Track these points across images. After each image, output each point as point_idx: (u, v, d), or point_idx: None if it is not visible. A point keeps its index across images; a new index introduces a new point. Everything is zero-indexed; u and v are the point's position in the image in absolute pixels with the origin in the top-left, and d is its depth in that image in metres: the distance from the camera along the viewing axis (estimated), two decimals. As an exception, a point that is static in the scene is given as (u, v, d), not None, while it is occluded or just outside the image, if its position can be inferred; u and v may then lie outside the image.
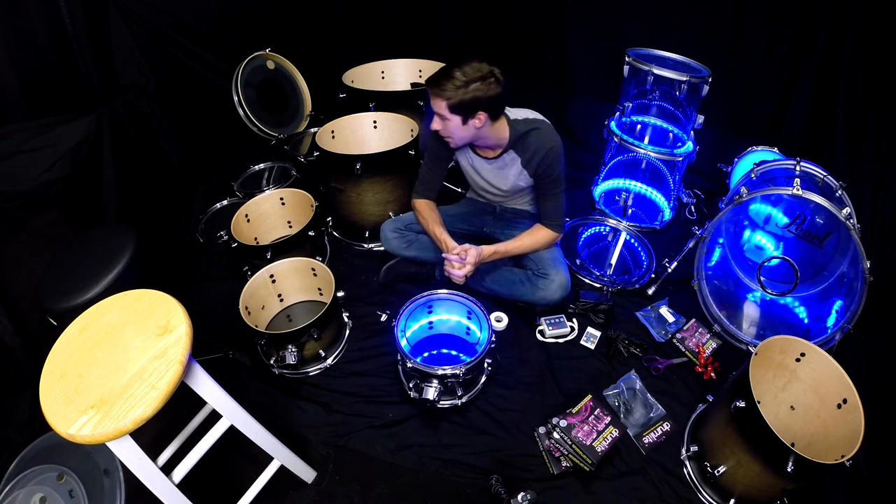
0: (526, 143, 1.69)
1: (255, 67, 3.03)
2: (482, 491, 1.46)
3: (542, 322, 1.92)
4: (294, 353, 1.69)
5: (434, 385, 1.56)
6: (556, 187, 1.75)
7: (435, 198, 1.94)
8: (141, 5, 2.41)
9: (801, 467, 1.17)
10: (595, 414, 1.52)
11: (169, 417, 1.17)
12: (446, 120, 1.57)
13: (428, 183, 1.91)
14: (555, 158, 1.68)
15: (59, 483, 1.23)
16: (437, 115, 1.58)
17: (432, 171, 1.89)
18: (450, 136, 1.63)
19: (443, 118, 1.57)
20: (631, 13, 2.63)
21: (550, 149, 1.67)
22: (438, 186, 1.93)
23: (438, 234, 1.81)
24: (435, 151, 1.84)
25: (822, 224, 1.76)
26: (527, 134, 1.68)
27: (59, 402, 0.92)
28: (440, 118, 1.58)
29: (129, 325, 1.04)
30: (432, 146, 1.84)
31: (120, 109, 2.13)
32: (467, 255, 1.69)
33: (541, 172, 1.72)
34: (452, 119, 1.56)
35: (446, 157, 1.87)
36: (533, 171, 1.73)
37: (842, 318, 1.71)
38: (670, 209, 2.51)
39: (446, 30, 3.20)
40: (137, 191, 2.19)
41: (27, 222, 1.77)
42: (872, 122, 2.09)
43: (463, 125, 1.57)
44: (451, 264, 1.71)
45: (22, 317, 1.69)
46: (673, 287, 2.12)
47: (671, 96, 2.22)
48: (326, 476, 1.51)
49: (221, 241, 2.25)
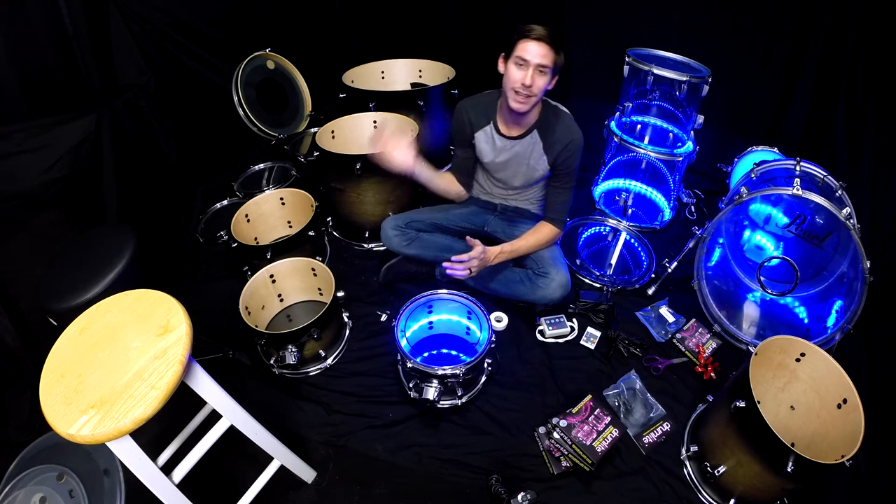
0: (552, 127, 1.73)
1: (255, 67, 3.03)
2: (482, 491, 1.46)
3: (542, 322, 1.92)
4: (294, 353, 1.69)
5: (434, 385, 1.56)
6: (570, 181, 1.79)
7: (469, 181, 2.02)
8: (141, 5, 2.41)
9: (801, 467, 1.17)
10: (595, 414, 1.52)
11: (169, 417, 1.17)
12: (545, 75, 1.57)
13: (458, 166, 1.97)
14: (575, 150, 1.73)
15: (59, 483, 1.23)
16: (539, 69, 1.55)
17: (457, 153, 1.95)
18: (537, 93, 1.60)
19: (543, 73, 1.56)
20: (631, 13, 2.63)
21: (573, 140, 1.72)
22: (469, 168, 1.98)
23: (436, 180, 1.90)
24: (456, 133, 1.89)
25: (822, 224, 1.76)
26: (555, 118, 1.73)
27: (59, 402, 0.92)
28: (541, 72, 1.56)
29: (129, 325, 1.04)
30: (454, 128, 1.88)
31: (120, 109, 2.12)
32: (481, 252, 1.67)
33: (560, 162, 1.75)
34: (549, 77, 1.58)
35: (468, 141, 1.88)
36: (553, 158, 1.75)
37: (842, 318, 1.71)
38: (670, 209, 2.51)
39: (446, 30, 3.20)
40: (137, 191, 2.19)
41: (27, 222, 1.77)
42: (872, 123, 2.09)
43: (548, 85, 1.60)
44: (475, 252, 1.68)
45: (22, 317, 1.69)
46: (673, 287, 2.12)
47: (671, 96, 2.22)
48: (326, 476, 1.51)
49: (221, 241, 2.25)
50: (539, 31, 1.54)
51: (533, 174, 1.84)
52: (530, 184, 1.91)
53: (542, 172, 1.82)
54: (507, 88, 1.62)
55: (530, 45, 1.53)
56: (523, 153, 1.80)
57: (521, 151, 1.79)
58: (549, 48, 1.53)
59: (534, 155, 1.78)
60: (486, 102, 1.81)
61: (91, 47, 2.23)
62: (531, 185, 1.92)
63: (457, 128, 1.87)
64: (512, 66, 1.58)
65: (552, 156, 1.75)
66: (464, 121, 1.84)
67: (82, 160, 1.89)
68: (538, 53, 1.53)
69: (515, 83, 1.58)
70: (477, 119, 1.82)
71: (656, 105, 2.35)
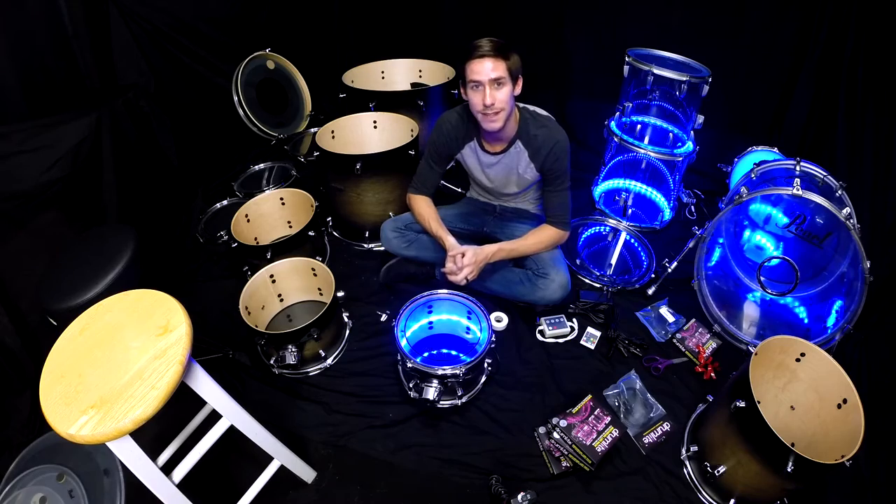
0: (534, 134, 1.70)
1: (255, 67, 3.03)
2: (482, 491, 1.46)
3: (542, 322, 1.92)
4: (294, 353, 1.69)
5: (434, 385, 1.56)
6: (562, 182, 1.76)
7: (432, 194, 1.93)
8: (141, 5, 2.41)
9: (801, 467, 1.17)
10: (595, 414, 1.52)
11: (169, 417, 1.17)
12: (505, 86, 1.55)
13: (426, 179, 1.89)
14: (562, 152, 1.70)
15: (59, 483, 1.23)
16: (495, 83, 1.53)
17: (433, 167, 1.87)
18: (504, 106, 1.57)
19: (501, 85, 1.54)
20: (631, 13, 2.63)
21: (557, 142, 1.69)
22: (437, 184, 1.92)
23: (437, 230, 1.80)
24: (439, 148, 1.83)
25: (822, 224, 1.76)
26: (535, 125, 1.71)
27: (60, 403, 0.92)
28: (498, 85, 1.54)
29: (129, 325, 1.04)
30: (437, 142, 1.82)
31: (120, 109, 2.12)
32: (464, 258, 1.67)
33: (548, 167, 1.73)
34: (510, 85, 1.56)
35: (448, 156, 1.86)
36: (540, 164, 1.74)
37: (842, 318, 1.71)
38: (670, 209, 2.51)
39: (446, 30, 3.20)
40: (137, 191, 2.19)
41: (27, 222, 1.76)
42: (872, 122, 2.09)
43: (513, 92, 1.58)
44: (451, 267, 1.69)
45: (22, 317, 1.69)
46: (673, 287, 2.12)
47: (671, 96, 2.22)
48: (326, 476, 1.51)
49: (221, 241, 2.24)
50: (482, 48, 1.51)
51: (524, 181, 1.84)
52: (524, 189, 1.91)
53: (532, 178, 1.82)
54: (475, 112, 1.62)
55: (476, 64, 1.52)
56: (511, 164, 1.79)
57: (509, 163, 1.79)
58: (495, 59, 1.51)
59: (521, 164, 1.78)
60: (467, 117, 1.76)
61: (91, 47, 2.22)
62: (525, 189, 1.92)
63: (441, 141, 1.81)
64: (470, 91, 1.58)
65: (539, 162, 1.73)
66: (449, 134, 1.79)
67: (82, 160, 1.89)
68: (487, 69, 1.51)
69: (478, 106, 1.57)
70: (464, 134, 1.80)
71: (656, 105, 2.34)
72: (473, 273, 1.69)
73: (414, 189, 1.92)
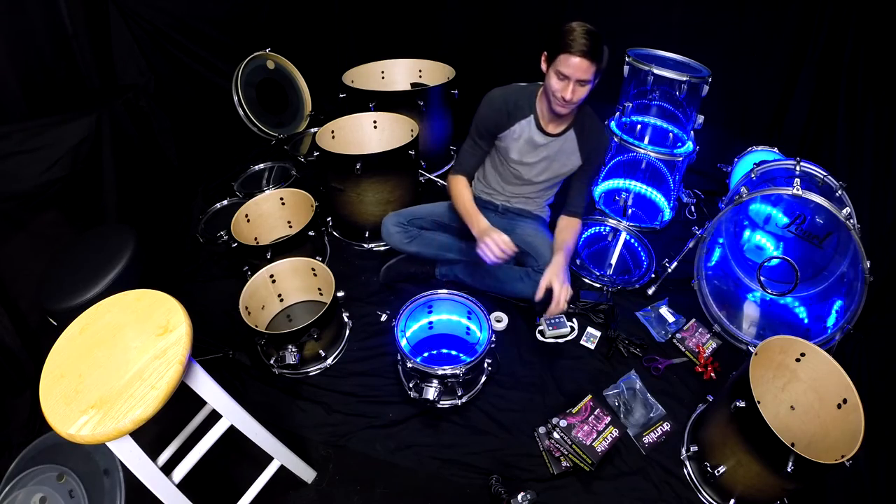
0: (586, 125, 1.75)
1: (255, 67, 3.03)
2: (482, 491, 1.46)
3: (542, 322, 1.91)
4: (294, 353, 1.69)
5: (434, 385, 1.56)
6: (593, 175, 1.86)
7: (472, 176, 1.94)
8: (141, 5, 2.41)
9: (801, 467, 1.17)
10: (595, 414, 1.52)
11: (169, 417, 1.17)
12: (586, 87, 1.53)
13: (467, 159, 1.88)
14: (606, 145, 1.81)
15: (59, 483, 1.23)
16: (579, 83, 1.51)
17: (476, 144, 1.84)
18: (577, 101, 1.56)
19: (585, 84, 1.52)
20: (631, 13, 2.63)
21: (604, 135, 1.81)
22: (477, 165, 1.92)
23: (471, 210, 1.76)
24: (486, 121, 1.77)
25: (822, 224, 1.76)
26: (588, 116, 1.77)
27: (59, 403, 0.92)
28: (582, 84, 1.52)
29: (129, 325, 1.04)
30: (485, 115, 1.76)
31: (120, 109, 2.12)
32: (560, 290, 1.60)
33: (591, 157, 1.79)
34: (590, 85, 1.54)
35: (493, 131, 1.79)
36: (586, 154, 1.79)
37: (842, 318, 1.71)
38: (670, 209, 2.51)
39: (446, 30, 3.20)
40: (137, 191, 2.18)
41: (27, 222, 1.76)
42: (872, 122, 2.09)
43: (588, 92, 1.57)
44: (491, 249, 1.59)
45: (22, 317, 1.69)
46: (673, 287, 2.12)
47: (671, 96, 2.22)
48: (326, 476, 1.51)
49: (221, 241, 2.24)
50: (580, 45, 1.47)
51: (561, 170, 1.84)
52: (554, 180, 1.90)
53: (570, 169, 1.83)
54: (548, 91, 1.59)
55: (571, 60, 1.48)
56: (559, 150, 1.79)
57: (558, 148, 1.79)
58: (590, 62, 1.48)
59: (567, 151, 1.79)
60: (527, 94, 1.74)
61: (91, 47, 2.22)
62: (553, 182, 1.90)
63: (489, 115, 1.75)
64: (553, 75, 1.55)
65: (585, 152, 1.78)
66: (501, 109, 1.73)
67: (82, 160, 1.89)
68: (579, 69, 1.48)
69: (556, 93, 1.56)
70: (518, 109, 1.74)
71: (656, 105, 2.35)
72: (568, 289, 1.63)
73: (456, 171, 1.90)
